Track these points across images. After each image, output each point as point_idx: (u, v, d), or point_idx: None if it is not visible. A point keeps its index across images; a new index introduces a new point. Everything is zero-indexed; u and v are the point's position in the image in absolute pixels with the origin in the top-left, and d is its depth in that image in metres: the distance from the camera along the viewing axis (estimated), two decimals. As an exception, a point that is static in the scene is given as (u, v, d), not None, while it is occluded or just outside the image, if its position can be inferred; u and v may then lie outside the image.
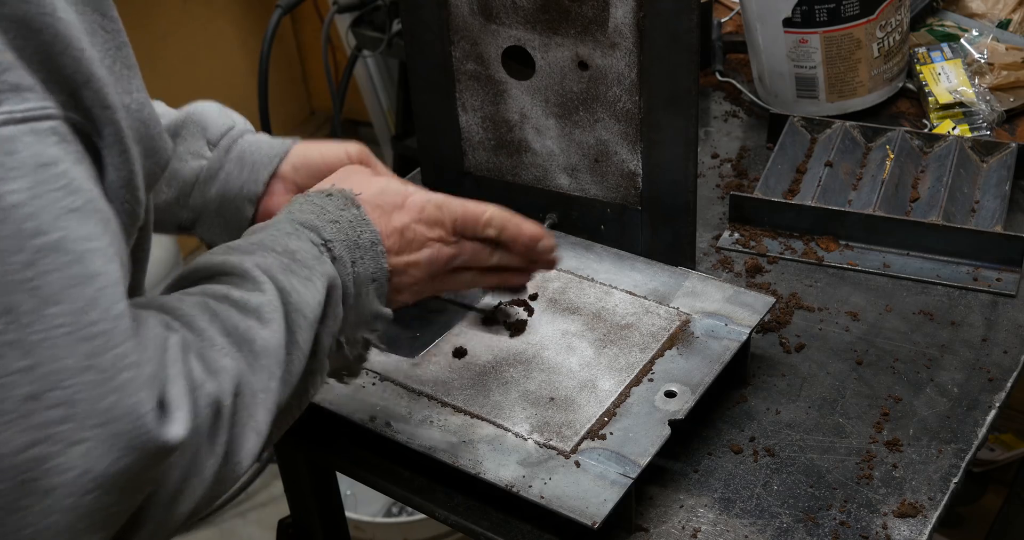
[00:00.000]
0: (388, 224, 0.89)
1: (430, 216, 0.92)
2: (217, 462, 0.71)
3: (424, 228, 0.91)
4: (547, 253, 1.00)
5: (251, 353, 0.74)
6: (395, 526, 2.19)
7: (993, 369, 1.13)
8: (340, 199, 0.88)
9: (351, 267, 0.85)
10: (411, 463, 1.04)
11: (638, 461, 0.95)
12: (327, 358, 0.83)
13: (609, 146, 1.20)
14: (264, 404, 0.74)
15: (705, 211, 1.36)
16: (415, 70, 1.28)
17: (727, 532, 0.98)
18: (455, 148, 1.30)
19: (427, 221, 0.91)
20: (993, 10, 1.74)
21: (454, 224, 0.93)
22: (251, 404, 0.73)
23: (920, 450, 1.05)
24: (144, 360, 0.65)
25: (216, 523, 2.47)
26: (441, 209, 0.92)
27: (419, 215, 0.91)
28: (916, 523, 0.97)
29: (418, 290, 0.93)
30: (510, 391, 1.03)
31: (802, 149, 1.47)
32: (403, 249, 0.90)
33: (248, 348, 0.74)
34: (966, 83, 1.54)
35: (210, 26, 3.12)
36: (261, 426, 0.74)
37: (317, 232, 0.84)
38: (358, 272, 0.85)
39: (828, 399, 1.11)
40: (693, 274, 1.16)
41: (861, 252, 1.30)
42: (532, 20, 1.16)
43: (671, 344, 1.07)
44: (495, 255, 0.97)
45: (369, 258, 0.86)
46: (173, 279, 0.81)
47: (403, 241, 0.90)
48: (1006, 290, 1.23)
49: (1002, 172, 1.37)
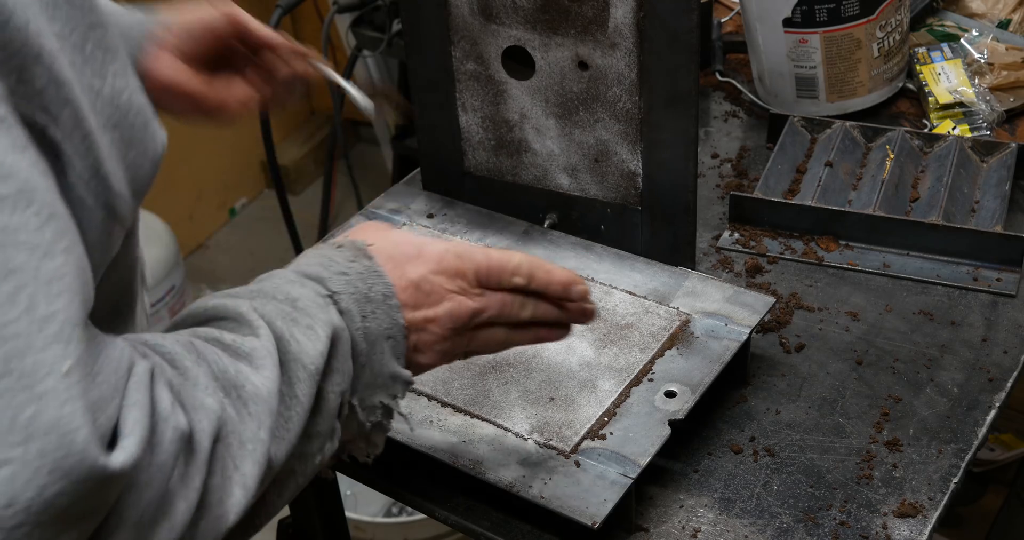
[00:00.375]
0: (403, 276, 0.80)
1: (449, 266, 0.82)
2: (191, 508, 0.63)
3: (444, 280, 0.82)
4: (583, 299, 0.88)
5: (239, 399, 0.68)
6: (395, 526, 2.19)
7: (993, 369, 1.13)
8: (350, 251, 0.80)
9: (360, 322, 0.77)
10: (411, 463, 1.04)
11: (638, 461, 0.95)
12: (337, 421, 0.76)
13: (609, 146, 1.20)
14: (252, 456, 0.67)
15: (705, 211, 1.36)
16: (415, 70, 1.28)
17: (727, 532, 0.98)
18: (455, 148, 1.30)
19: (447, 272, 0.82)
20: (993, 10, 1.74)
21: (477, 274, 0.83)
22: (237, 453, 0.66)
23: (920, 450, 1.05)
24: (87, 375, 0.57)
25: (216, 523, 2.46)
26: (462, 258, 0.83)
27: (437, 266, 0.82)
28: (916, 523, 0.98)
29: (441, 349, 0.83)
30: (510, 391, 1.03)
31: (802, 149, 1.47)
32: (420, 303, 0.81)
33: (236, 393, 0.68)
34: (966, 83, 1.54)
35: (210, 26, 3.11)
36: (248, 480, 0.67)
37: (323, 283, 0.77)
38: (369, 327, 0.77)
39: (828, 399, 1.11)
40: (693, 274, 1.16)
41: (861, 252, 1.30)
42: (532, 20, 1.16)
43: (671, 344, 1.07)
44: (527, 307, 0.86)
45: (382, 312, 0.78)
46: (164, 329, 0.75)
47: (420, 294, 0.81)
48: (1006, 290, 1.23)
49: (1002, 172, 1.37)
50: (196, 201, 3.22)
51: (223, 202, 3.33)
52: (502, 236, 1.24)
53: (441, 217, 1.29)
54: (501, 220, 1.27)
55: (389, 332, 0.78)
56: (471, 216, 1.28)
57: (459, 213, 1.29)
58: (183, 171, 3.11)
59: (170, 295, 2.55)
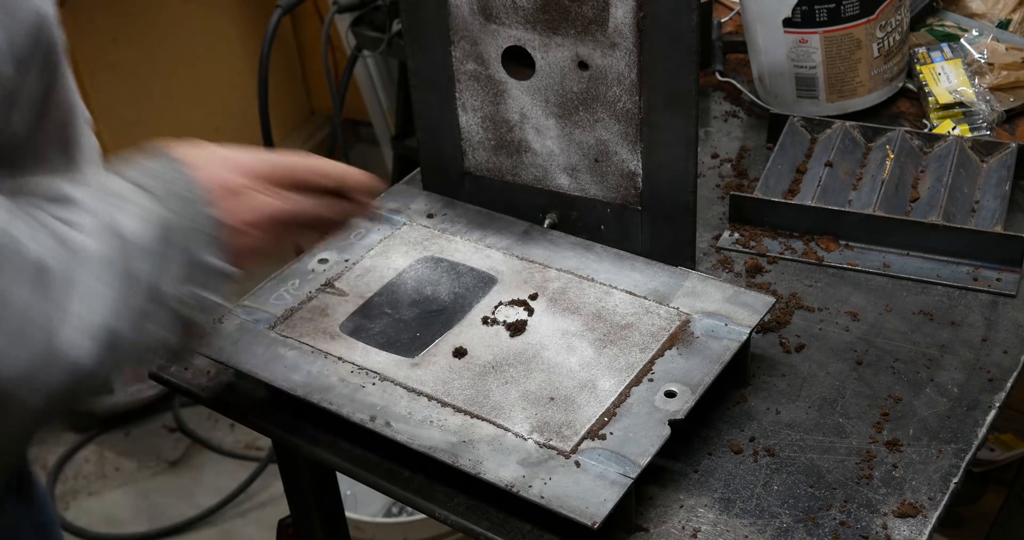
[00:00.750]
0: (213, 179, 0.87)
1: (258, 170, 0.90)
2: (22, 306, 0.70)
3: (253, 182, 0.89)
4: (376, 193, 1.01)
5: (66, 249, 0.73)
6: (395, 526, 2.19)
7: (993, 369, 1.13)
8: (165, 159, 0.86)
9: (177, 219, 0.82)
10: (411, 463, 1.04)
11: (638, 461, 0.95)
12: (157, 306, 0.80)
13: (609, 146, 1.20)
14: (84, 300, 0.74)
15: (705, 211, 1.36)
16: (415, 70, 1.28)
17: (727, 532, 0.98)
18: (455, 148, 1.30)
19: (256, 175, 0.90)
20: (993, 10, 1.74)
21: (284, 177, 0.91)
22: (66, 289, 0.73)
23: (920, 450, 1.05)
24: None
25: (216, 523, 2.47)
26: (273, 164, 0.91)
27: (247, 169, 0.89)
28: (916, 523, 0.98)
29: (259, 249, 0.90)
30: (510, 391, 1.03)
31: (802, 149, 1.47)
32: (234, 205, 0.87)
33: (63, 245, 0.73)
34: (966, 83, 1.54)
35: (210, 26, 3.12)
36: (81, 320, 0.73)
37: (142, 186, 0.82)
38: (183, 223, 0.83)
39: (828, 399, 1.11)
40: (693, 274, 1.16)
41: (861, 252, 1.30)
42: (532, 20, 1.16)
43: (671, 344, 1.07)
44: (329, 207, 0.96)
45: (198, 211, 0.84)
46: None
47: (232, 196, 0.87)
48: (1006, 290, 1.23)
49: (1002, 172, 1.37)
50: (196, 201, 3.21)
51: (223, 202, 3.33)
52: (502, 236, 1.24)
53: (441, 217, 1.29)
54: (501, 220, 1.27)
55: (205, 228, 0.84)
56: (471, 216, 1.28)
57: (459, 213, 1.29)
58: (183, 171, 3.11)
59: (170, 295, 2.54)
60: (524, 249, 1.22)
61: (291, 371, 1.07)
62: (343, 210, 0.98)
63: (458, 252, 1.22)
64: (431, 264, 1.21)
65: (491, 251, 1.22)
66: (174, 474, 2.60)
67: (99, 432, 2.69)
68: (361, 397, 1.04)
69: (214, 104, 3.17)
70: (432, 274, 1.19)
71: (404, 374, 1.06)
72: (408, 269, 1.20)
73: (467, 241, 1.24)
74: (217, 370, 1.16)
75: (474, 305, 1.14)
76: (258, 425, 1.11)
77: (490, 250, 1.22)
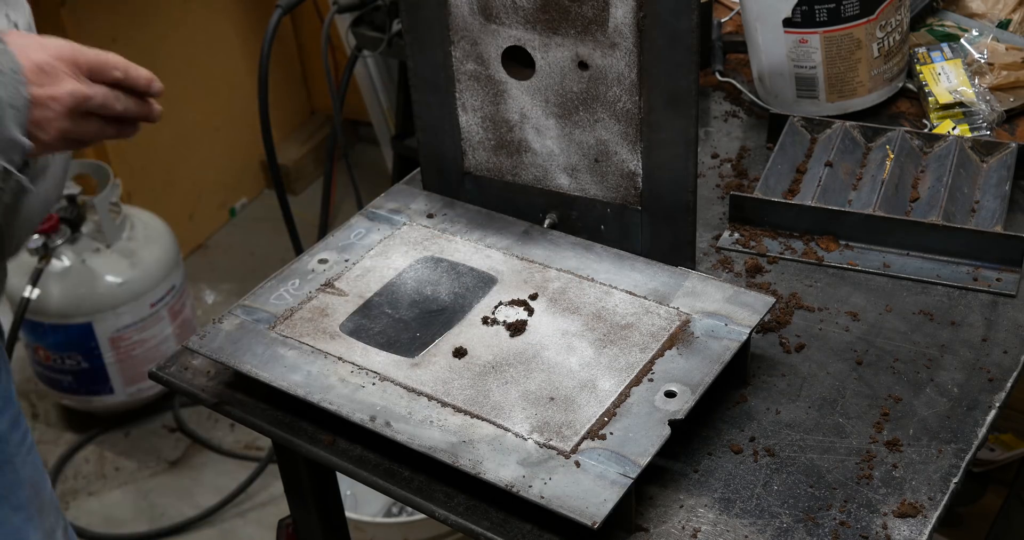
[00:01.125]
0: (28, 58, 0.95)
1: (67, 56, 0.98)
2: None
3: (63, 66, 0.97)
4: (157, 95, 1.06)
5: None
6: (395, 526, 2.19)
7: (993, 369, 1.13)
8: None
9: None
10: (411, 463, 1.04)
11: (638, 461, 0.95)
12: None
13: (609, 146, 1.20)
14: None
15: (705, 211, 1.36)
16: (415, 70, 1.28)
17: (727, 532, 0.98)
18: (455, 148, 1.30)
19: (66, 60, 0.97)
20: (993, 10, 1.74)
21: (89, 65, 0.99)
22: None
23: (920, 450, 1.05)
24: None
25: (216, 523, 2.47)
26: (77, 51, 0.99)
27: (58, 54, 0.97)
28: (916, 523, 0.98)
29: (60, 128, 0.97)
30: (510, 391, 1.03)
31: (802, 149, 1.47)
32: (43, 82, 0.95)
33: None
34: (966, 83, 1.54)
35: (210, 26, 3.12)
36: None
37: None
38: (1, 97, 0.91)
39: (828, 399, 1.11)
40: (693, 274, 1.16)
41: (861, 252, 1.30)
42: (532, 20, 1.16)
43: (671, 344, 1.07)
44: (121, 100, 1.02)
45: (7, 81, 0.92)
46: None
47: (43, 75, 0.95)
48: (1006, 290, 1.23)
49: (1002, 172, 1.37)
50: (196, 201, 3.22)
51: (223, 202, 3.33)
52: (502, 236, 1.24)
53: (441, 217, 1.29)
54: (501, 220, 1.27)
55: (12, 101, 0.93)
56: (471, 216, 1.28)
57: (459, 213, 1.29)
58: (183, 171, 3.11)
59: (170, 295, 2.55)
60: (524, 249, 1.22)
61: (291, 371, 1.07)
62: (131, 105, 1.04)
63: (458, 252, 1.22)
64: (431, 264, 1.21)
65: (491, 251, 1.22)
66: (174, 474, 2.60)
67: (99, 432, 2.69)
68: (361, 397, 1.04)
69: (214, 104, 3.17)
70: (432, 274, 1.19)
71: (404, 374, 1.06)
72: (408, 269, 1.20)
73: (467, 241, 1.24)
74: (217, 370, 1.16)
75: (474, 305, 1.14)
76: (258, 425, 1.12)
77: (490, 250, 1.22)
